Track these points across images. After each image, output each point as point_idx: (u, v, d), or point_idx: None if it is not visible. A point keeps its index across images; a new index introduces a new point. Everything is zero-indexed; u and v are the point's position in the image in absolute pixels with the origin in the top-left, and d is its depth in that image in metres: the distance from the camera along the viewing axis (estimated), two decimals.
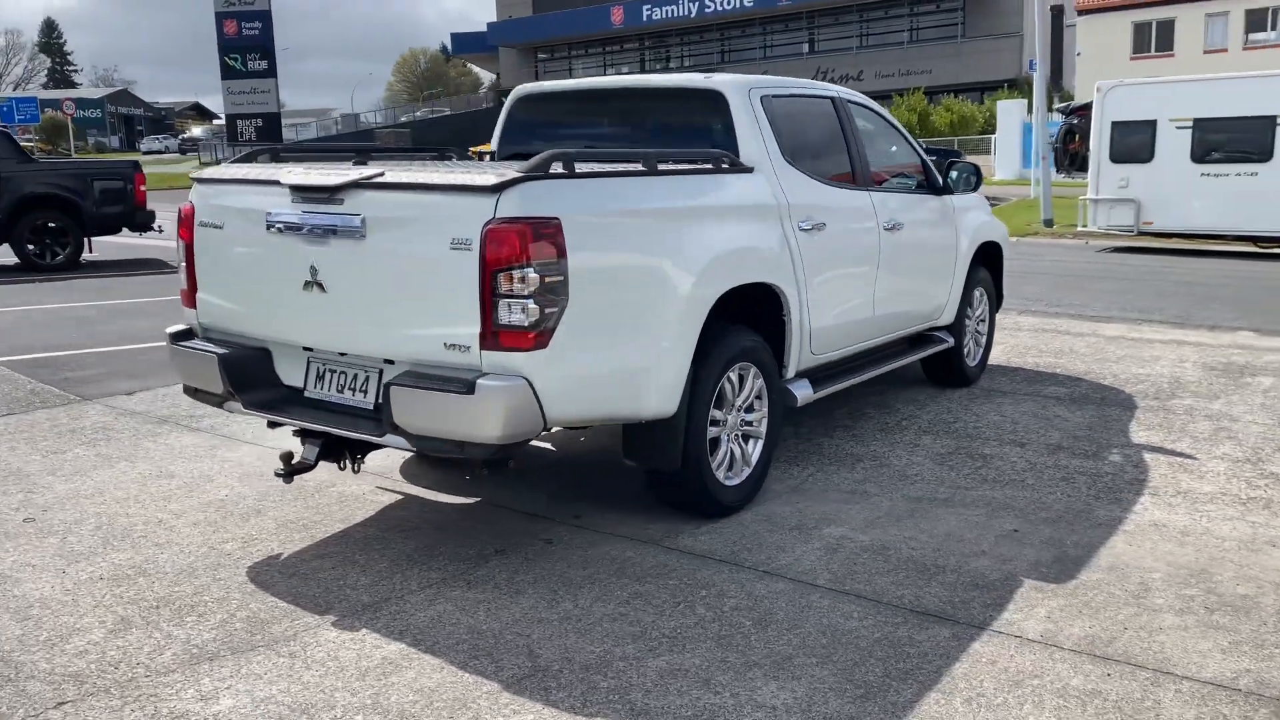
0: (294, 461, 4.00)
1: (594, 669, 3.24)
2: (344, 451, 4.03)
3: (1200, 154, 15.76)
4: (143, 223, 15.13)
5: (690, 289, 4.03)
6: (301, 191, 3.82)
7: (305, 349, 4.07)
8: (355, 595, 3.78)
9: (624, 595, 3.76)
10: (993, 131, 35.03)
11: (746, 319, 4.56)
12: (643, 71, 57.72)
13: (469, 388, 3.42)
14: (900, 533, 4.37)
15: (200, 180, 4.32)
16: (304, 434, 4.12)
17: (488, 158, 5.50)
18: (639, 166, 4.04)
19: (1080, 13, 38.11)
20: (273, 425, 4.35)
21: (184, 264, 4.34)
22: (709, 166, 4.44)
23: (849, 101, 5.67)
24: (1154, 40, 37.66)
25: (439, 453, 3.62)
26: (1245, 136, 15.31)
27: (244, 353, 4.11)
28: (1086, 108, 19.05)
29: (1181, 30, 36.96)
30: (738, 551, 4.17)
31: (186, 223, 4.28)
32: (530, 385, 3.45)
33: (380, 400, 3.79)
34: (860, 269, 5.41)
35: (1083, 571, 3.97)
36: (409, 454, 4.88)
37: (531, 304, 3.40)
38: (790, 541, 4.27)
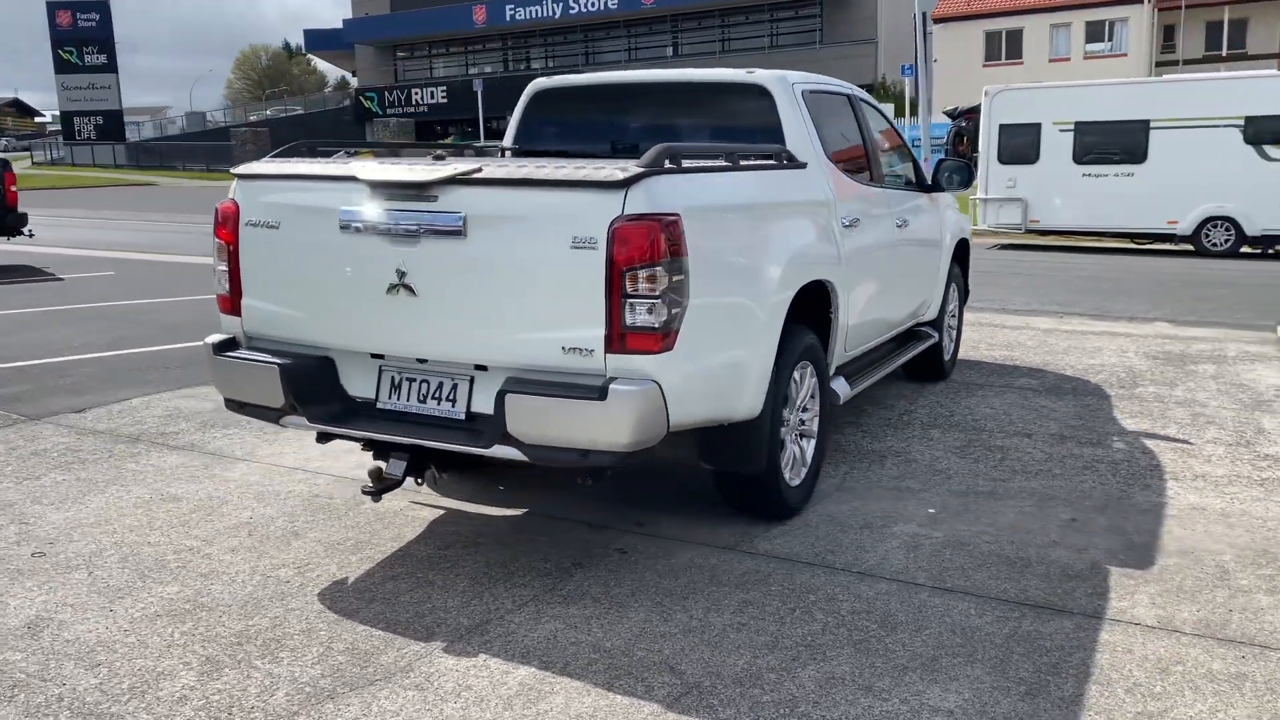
0: (383, 477, 3.71)
1: (746, 682, 3.11)
2: (427, 465, 3.77)
3: (1081, 155, 16.66)
4: (13, 226, 14.00)
5: (777, 286, 3.95)
6: (386, 188, 3.54)
7: (375, 356, 3.79)
8: (451, 618, 3.54)
9: (733, 604, 3.64)
10: None
11: (801, 318, 4.50)
12: (506, 72, 57.19)
13: (601, 393, 3.24)
14: (968, 527, 4.39)
15: (245, 176, 3.95)
16: (380, 448, 3.84)
17: (508, 154, 5.26)
18: (722, 161, 3.93)
19: (936, 21, 39.73)
20: (323, 439, 4.05)
21: (225, 267, 3.97)
22: (773, 163, 4.37)
23: (859, 98, 5.69)
24: (1004, 49, 39.69)
25: (555, 462, 3.42)
26: (1122, 139, 16.26)
27: (306, 362, 3.79)
28: (974, 111, 19.88)
29: (1029, 39, 39.07)
30: (821, 554, 4.11)
31: (229, 222, 3.92)
32: (660, 389, 3.30)
33: (474, 410, 3.57)
34: (883, 266, 5.44)
35: (1158, 557, 4.08)
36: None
37: (661, 304, 3.25)
38: (867, 541, 4.24)
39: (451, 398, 3.66)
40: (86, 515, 4.52)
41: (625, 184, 3.23)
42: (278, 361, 3.75)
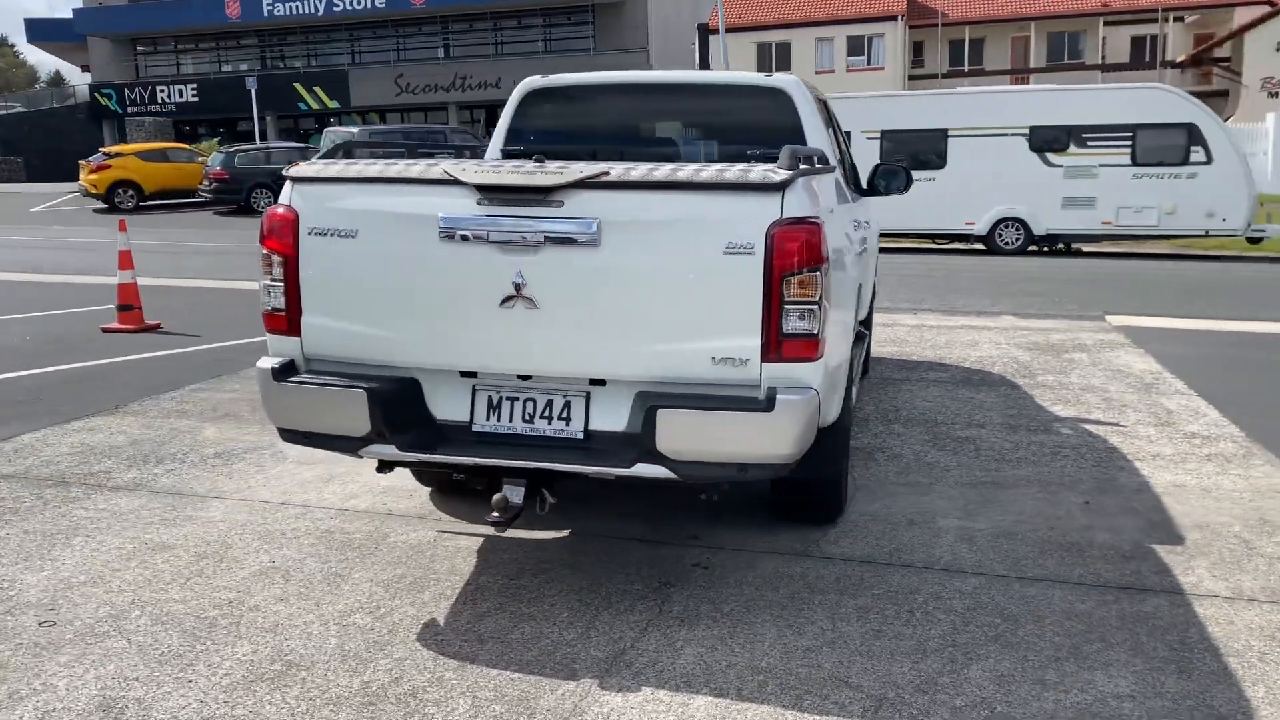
0: (509, 506, 3.38)
1: (927, 689, 3.09)
2: (540, 490, 3.48)
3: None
4: None
5: (853, 290, 3.95)
6: (500, 193, 3.25)
7: (466, 375, 3.48)
8: (581, 651, 3.30)
9: (852, 612, 3.61)
10: None
11: None
12: (264, 70, 54.21)
13: (767, 404, 3.11)
14: (1002, 517, 4.56)
15: (304, 179, 3.50)
16: (481, 474, 3.52)
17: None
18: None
19: (711, 32, 41.21)
20: (384, 468, 3.68)
21: (279, 282, 3.50)
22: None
23: (827, 101, 5.79)
24: (774, 60, 41.64)
25: (707, 479, 3.26)
26: (924, 146, 17.45)
27: (393, 385, 3.42)
28: None
29: (797, 52, 41.21)
30: (893, 554, 4.14)
31: (284, 231, 3.46)
32: (818, 396, 3.21)
33: (593, 428, 3.35)
34: (857, 268, 5.55)
35: (1183, 532, 4.38)
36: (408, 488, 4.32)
37: (816, 310, 3.16)
38: (924, 537, 4.31)
39: (565, 416, 3.41)
40: (70, 573, 3.88)
41: (782, 186, 3.13)
42: (365, 385, 3.36)
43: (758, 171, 3.19)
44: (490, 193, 3.26)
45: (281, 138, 47.90)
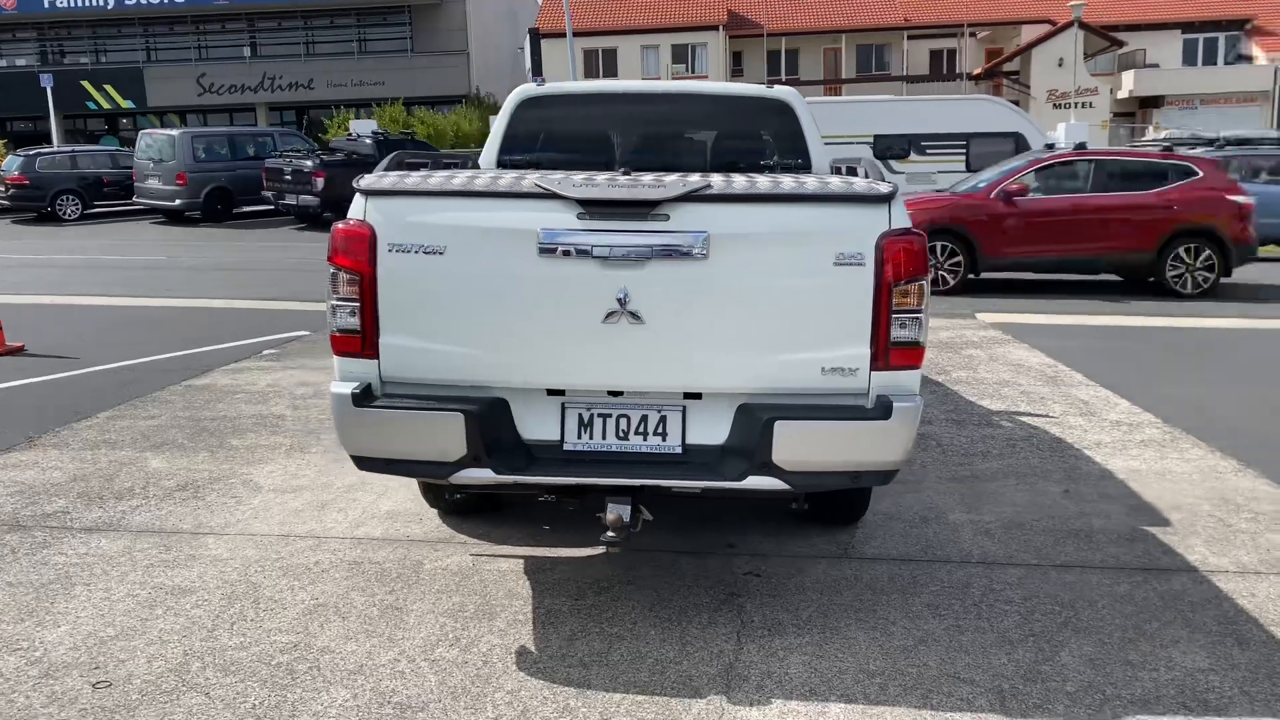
0: (623, 526, 3.28)
1: (1036, 678, 3.24)
2: (638, 507, 3.41)
3: None
4: None
5: None
6: (603, 206, 3.17)
7: (553, 393, 3.37)
8: (691, 668, 3.28)
9: (924, 609, 3.72)
10: (475, 144, 36.35)
11: None
12: (44, 66, 50.21)
13: (884, 412, 3.17)
14: (1001, 509, 4.80)
15: (381, 193, 3.30)
16: (571, 494, 3.42)
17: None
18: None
19: (542, 36, 41.06)
20: (482, 495, 3.53)
21: (354, 301, 3.28)
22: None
23: None
24: (601, 66, 41.94)
25: (818, 488, 3.30)
26: None
27: (486, 406, 3.27)
28: None
29: (623, 59, 41.63)
30: (925, 550, 4.30)
31: (359, 247, 3.25)
32: (922, 403, 3.30)
33: (690, 442, 3.32)
34: None
35: (1167, 513, 4.75)
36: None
37: (920, 319, 3.25)
38: (945, 533, 4.49)
39: (661, 431, 3.36)
40: (93, 627, 3.52)
41: (889, 198, 3.20)
42: (463, 408, 3.21)
43: (863, 184, 3.26)
44: (593, 207, 3.19)
45: (68, 140, 44.49)
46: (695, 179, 3.28)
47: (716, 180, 3.27)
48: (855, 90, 41.19)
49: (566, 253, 3.20)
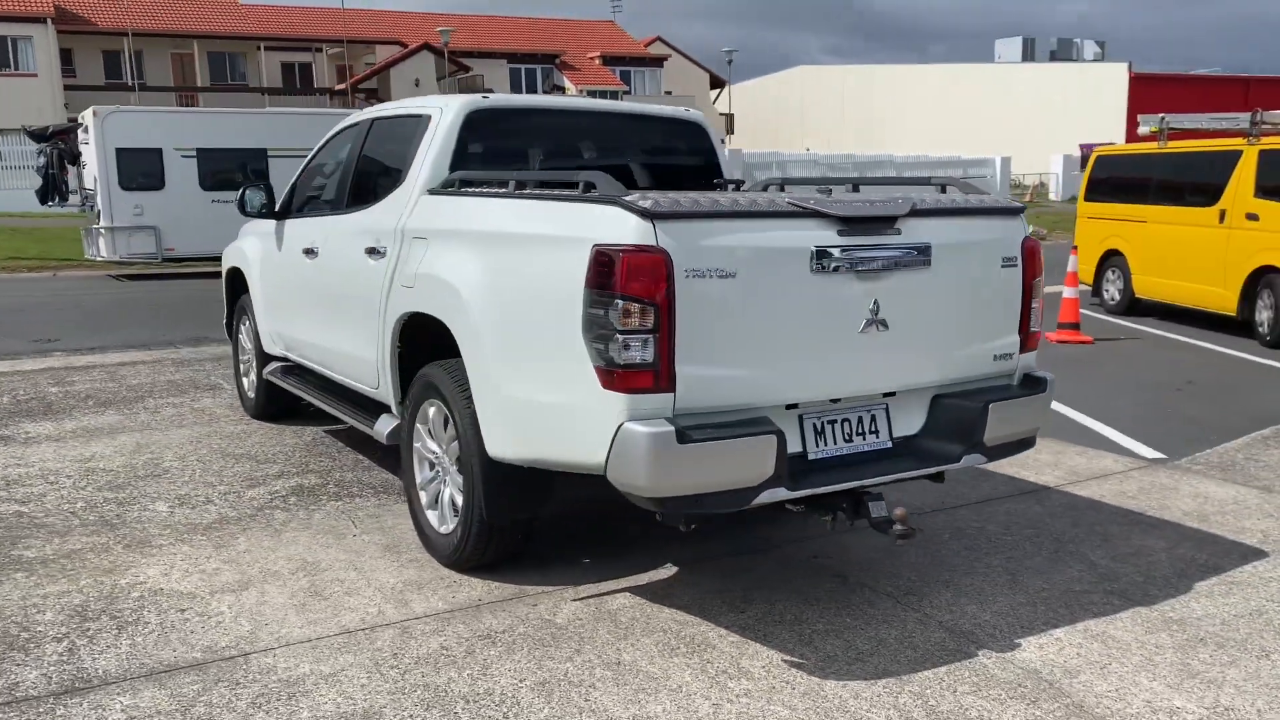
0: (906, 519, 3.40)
1: (1152, 599, 4.15)
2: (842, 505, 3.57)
3: (209, 182, 16.55)
4: None
5: None
6: (859, 223, 3.32)
7: (790, 406, 3.41)
8: (943, 638, 3.58)
9: (1000, 566, 4.30)
10: None
11: None
12: None
13: (1043, 386, 3.81)
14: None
15: (672, 215, 2.96)
16: (826, 500, 3.45)
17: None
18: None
19: None
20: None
21: (648, 333, 2.93)
22: None
23: None
24: None
25: (1003, 457, 3.75)
26: (246, 166, 16.69)
27: (774, 426, 3.20)
28: (67, 131, 17.39)
29: None
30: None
31: (655, 275, 2.93)
32: None
33: (896, 435, 3.64)
34: None
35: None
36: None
37: (1040, 309, 3.94)
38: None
39: (875, 429, 3.59)
40: None
41: (1023, 209, 3.83)
42: (770, 430, 3.13)
43: (1002, 198, 3.85)
44: (851, 224, 3.33)
45: None
46: (913, 195, 3.60)
47: (927, 196, 3.64)
48: (212, 101, 39.06)
49: (836, 268, 3.31)
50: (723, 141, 54.54)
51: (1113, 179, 12.81)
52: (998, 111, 53.57)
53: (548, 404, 3.35)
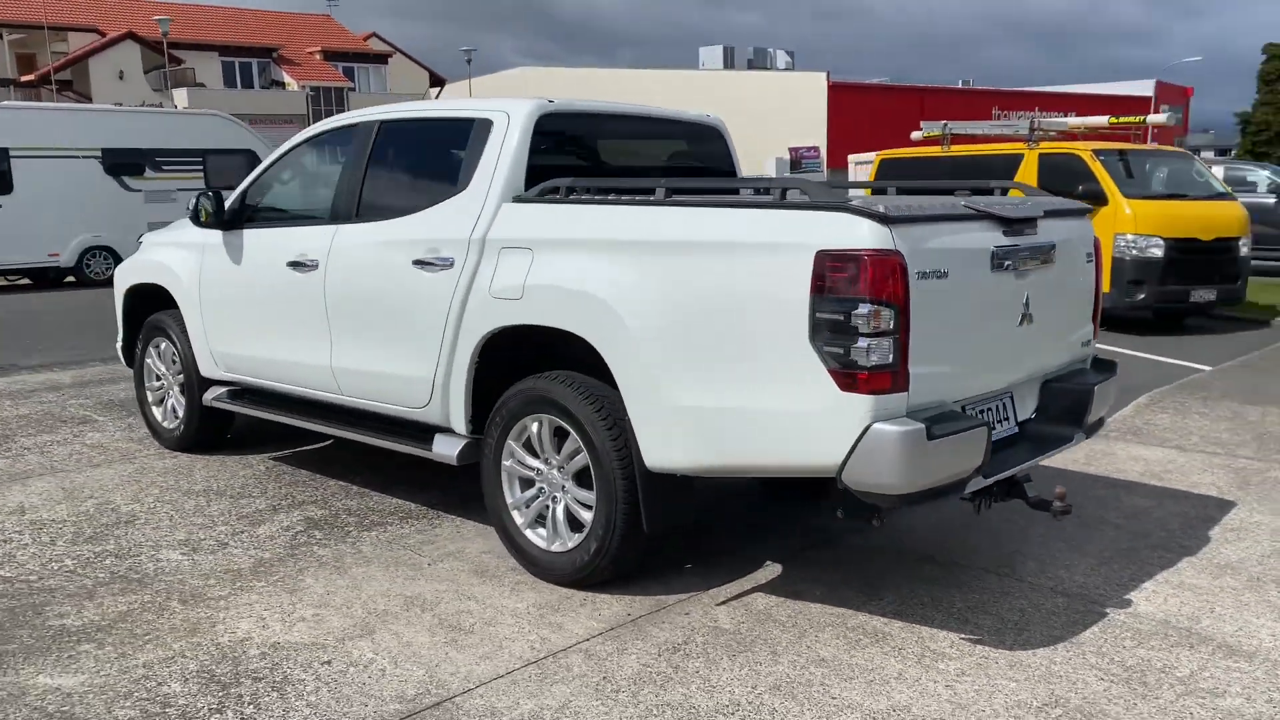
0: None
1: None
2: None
3: None
4: None
5: None
6: (1018, 224, 3.60)
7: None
8: (1109, 610, 3.93)
9: (1097, 545, 4.84)
10: None
11: None
12: None
13: (1115, 369, 4.25)
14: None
15: (904, 219, 3.07)
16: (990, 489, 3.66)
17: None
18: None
19: None
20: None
21: (889, 334, 3.04)
22: None
23: None
24: None
25: (1089, 436, 4.13)
26: None
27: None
28: None
29: None
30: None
31: (895, 277, 3.04)
32: None
33: (1018, 419, 3.95)
34: None
35: None
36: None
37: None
38: None
39: (1005, 416, 3.87)
40: None
41: (1091, 210, 4.26)
42: (984, 423, 3.33)
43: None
44: (1013, 225, 3.59)
45: None
46: (1041, 199, 3.92)
47: (1045, 200, 3.97)
48: None
49: (1006, 266, 3.57)
50: None
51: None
52: None
53: (754, 410, 3.37)
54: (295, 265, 4.99)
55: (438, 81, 58.03)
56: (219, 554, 4.47)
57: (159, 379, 6.26)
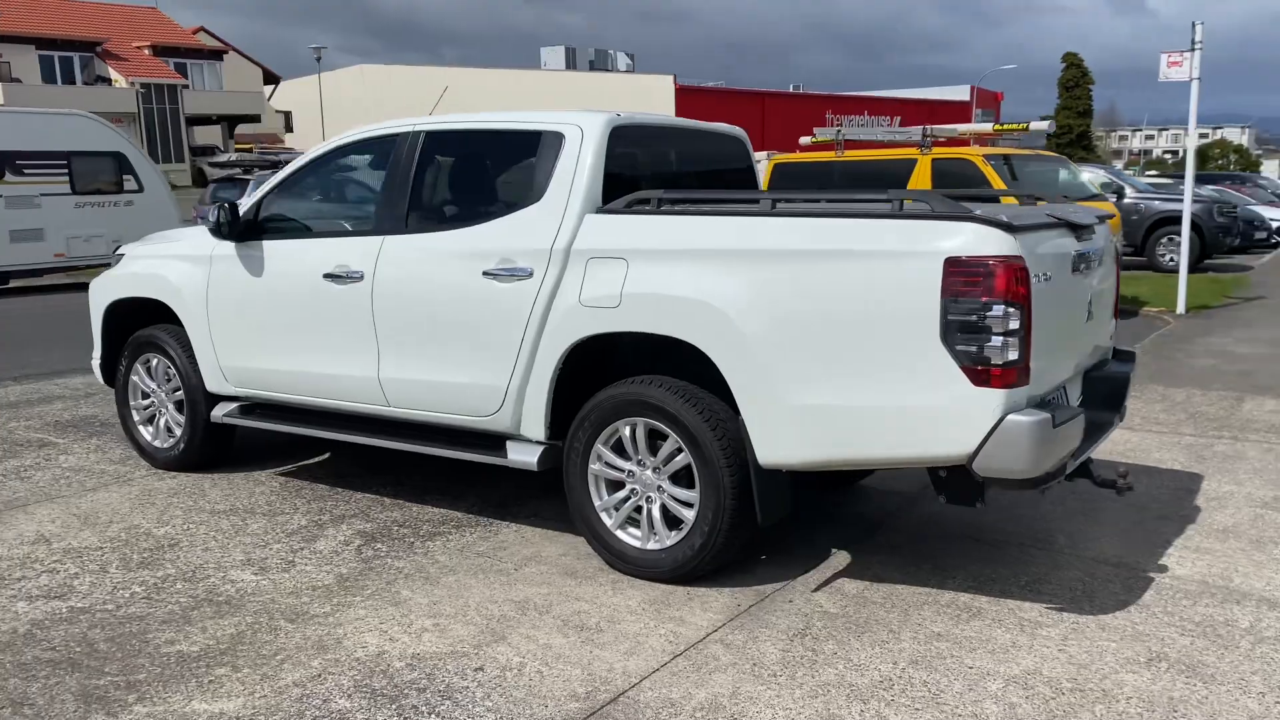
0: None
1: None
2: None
3: None
4: None
5: None
6: (1084, 230, 4.01)
7: None
8: (1148, 577, 4.36)
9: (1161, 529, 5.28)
10: None
11: None
12: None
13: (1134, 358, 4.74)
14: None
15: (1022, 228, 3.42)
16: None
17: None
18: None
19: None
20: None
21: (1016, 333, 3.38)
22: None
23: None
24: None
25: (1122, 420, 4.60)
26: None
27: None
28: None
29: None
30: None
31: (1023, 279, 3.37)
32: None
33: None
34: None
35: None
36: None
37: None
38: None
39: (1065, 403, 4.28)
40: None
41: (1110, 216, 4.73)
42: (1081, 411, 3.72)
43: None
44: (1081, 231, 3.99)
45: None
46: (1079, 209, 4.32)
47: (1088, 209, 4.39)
48: None
49: (1081, 269, 3.98)
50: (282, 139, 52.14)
51: (792, 187, 14.59)
52: None
53: (879, 406, 3.63)
54: (333, 277, 4.93)
55: (272, 79, 55.96)
56: (292, 572, 4.40)
57: (147, 397, 6.01)
